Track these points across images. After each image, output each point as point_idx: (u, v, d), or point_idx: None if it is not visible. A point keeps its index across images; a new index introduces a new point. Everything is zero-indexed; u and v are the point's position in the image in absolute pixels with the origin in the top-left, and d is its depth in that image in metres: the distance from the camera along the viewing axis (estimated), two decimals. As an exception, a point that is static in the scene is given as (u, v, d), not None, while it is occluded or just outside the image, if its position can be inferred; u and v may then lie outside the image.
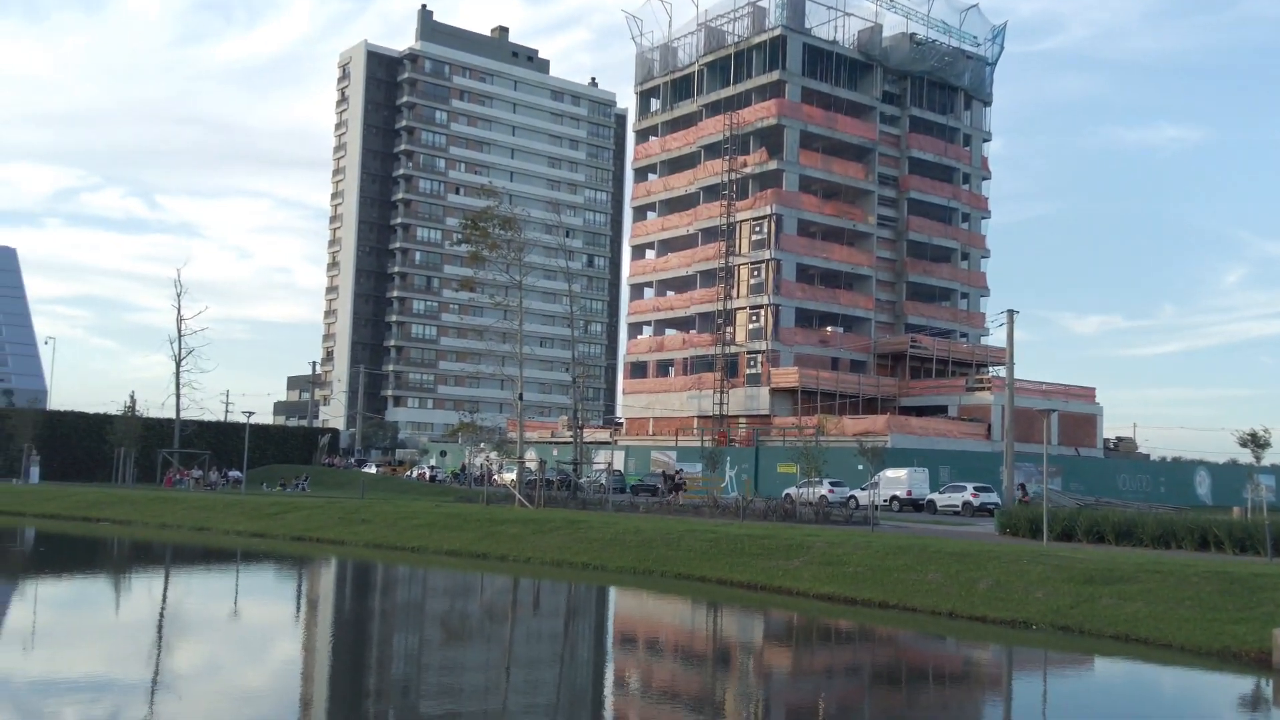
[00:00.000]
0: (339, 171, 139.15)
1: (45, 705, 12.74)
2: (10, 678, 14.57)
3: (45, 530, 39.93)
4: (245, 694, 14.00)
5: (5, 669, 15.31)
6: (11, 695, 13.33)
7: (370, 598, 26.32)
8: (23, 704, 12.78)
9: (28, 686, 13.85)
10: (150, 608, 22.61)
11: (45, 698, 13.14)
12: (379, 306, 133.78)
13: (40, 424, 62.37)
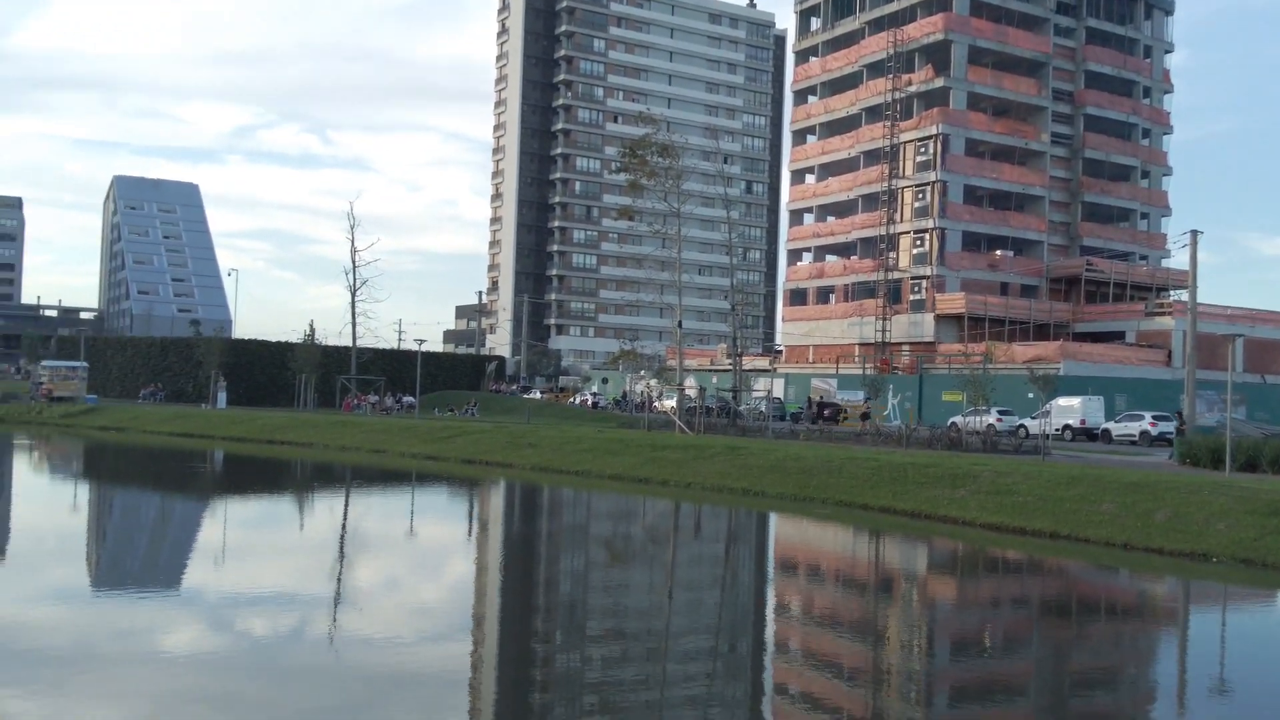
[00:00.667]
0: (500, 103, 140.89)
1: (236, 618, 13.56)
2: (204, 591, 15.56)
3: (233, 453, 42.27)
4: (421, 609, 14.61)
5: (199, 583, 16.36)
6: (206, 608, 14.23)
7: (537, 519, 27.05)
8: (217, 616, 13.64)
9: (220, 600, 14.75)
10: (331, 526, 23.76)
11: (236, 610, 13.98)
12: (541, 236, 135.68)
13: (226, 352, 65.61)
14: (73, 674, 10.42)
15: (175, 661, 11.17)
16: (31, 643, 11.66)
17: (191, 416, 52.62)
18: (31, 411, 56.12)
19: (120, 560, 18.79)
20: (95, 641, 11.89)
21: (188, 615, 13.64)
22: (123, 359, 74.37)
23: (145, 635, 12.39)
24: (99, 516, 25.09)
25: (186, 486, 32.26)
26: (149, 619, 13.36)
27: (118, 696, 9.85)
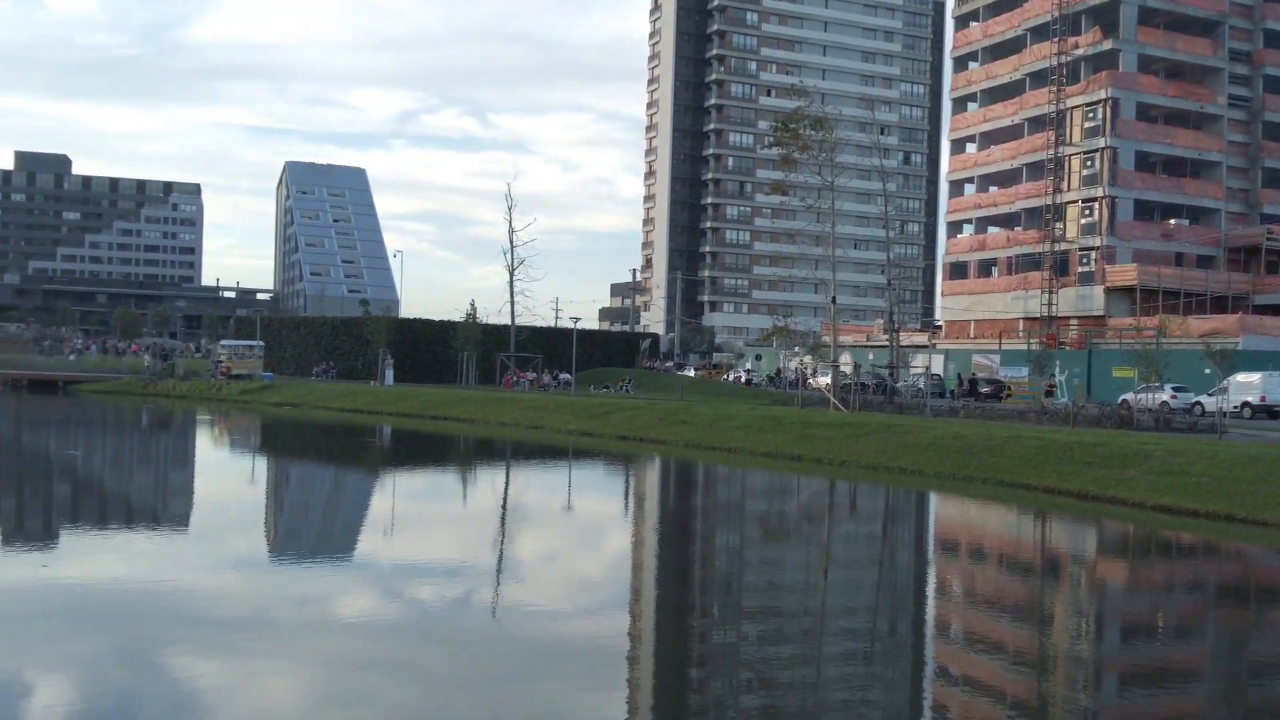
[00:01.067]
0: (654, 81, 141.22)
1: (405, 586, 14.09)
2: (375, 560, 16.21)
3: (399, 428, 43.74)
4: (580, 581, 14.91)
5: (370, 552, 17.04)
6: (376, 576, 14.83)
7: (692, 495, 27.23)
8: (387, 585, 14.20)
9: (390, 569, 15.35)
10: (493, 500, 24.41)
11: (405, 579, 14.52)
12: (694, 213, 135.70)
13: (392, 331, 67.74)
14: (252, 639, 11.02)
15: (348, 628, 11.70)
16: (214, 609, 12.37)
17: (360, 393, 54.61)
18: (212, 388, 59.14)
19: (296, 530, 19.71)
20: (273, 608, 12.53)
21: (359, 584, 14.24)
22: (296, 338, 77.65)
23: (320, 603, 12.99)
24: (276, 488, 26.36)
25: (357, 460, 33.58)
26: (323, 587, 14.01)
27: (295, 661, 10.37)
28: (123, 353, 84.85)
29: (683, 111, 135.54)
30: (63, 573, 14.15)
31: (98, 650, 10.36)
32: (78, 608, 12.04)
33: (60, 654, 10.19)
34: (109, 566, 14.55)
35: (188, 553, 16.39)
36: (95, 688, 9.21)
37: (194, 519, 20.53)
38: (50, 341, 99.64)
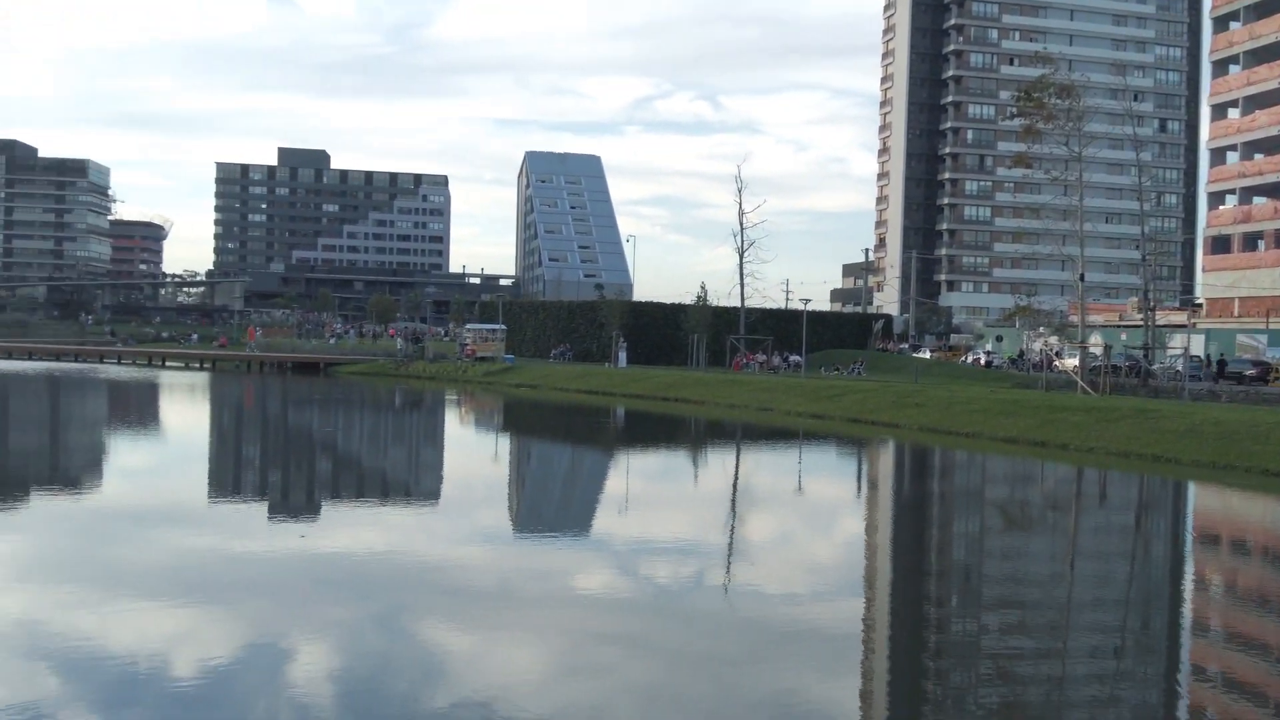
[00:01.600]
0: (888, 55, 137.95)
1: (639, 564, 14.35)
2: (611, 537, 16.59)
3: (632, 409, 44.57)
4: (812, 565, 14.81)
5: (606, 530, 17.45)
6: (612, 553, 15.17)
7: (927, 480, 26.56)
8: (622, 562, 14.50)
9: (626, 547, 15.67)
10: (724, 481, 24.55)
11: (639, 557, 14.79)
12: (930, 190, 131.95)
13: (626, 314, 69.07)
14: (498, 610, 11.48)
15: (587, 603, 12.03)
16: (462, 580, 12.95)
17: (595, 374, 55.94)
18: (458, 370, 61.89)
19: (537, 507, 20.41)
20: (516, 581, 13.01)
21: (596, 560, 14.61)
22: (536, 321, 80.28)
23: (560, 577, 13.41)
24: (518, 466, 27.36)
25: (593, 440, 34.45)
26: (563, 562, 14.45)
27: (538, 633, 10.74)
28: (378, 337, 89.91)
29: (919, 85, 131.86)
30: (321, 543, 15.15)
31: (355, 617, 11.04)
32: (335, 576, 12.86)
33: (321, 619, 10.91)
34: (364, 538, 15.47)
35: (437, 526, 17.24)
36: (353, 653, 9.81)
37: (443, 494, 21.56)
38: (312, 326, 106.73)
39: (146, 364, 71.02)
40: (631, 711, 8.46)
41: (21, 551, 13.84)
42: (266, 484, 21.90)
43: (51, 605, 10.96)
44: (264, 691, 8.66)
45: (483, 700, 8.47)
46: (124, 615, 10.72)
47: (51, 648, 9.47)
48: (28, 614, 10.58)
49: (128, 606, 11.10)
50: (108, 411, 39.28)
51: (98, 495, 19.53)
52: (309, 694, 8.61)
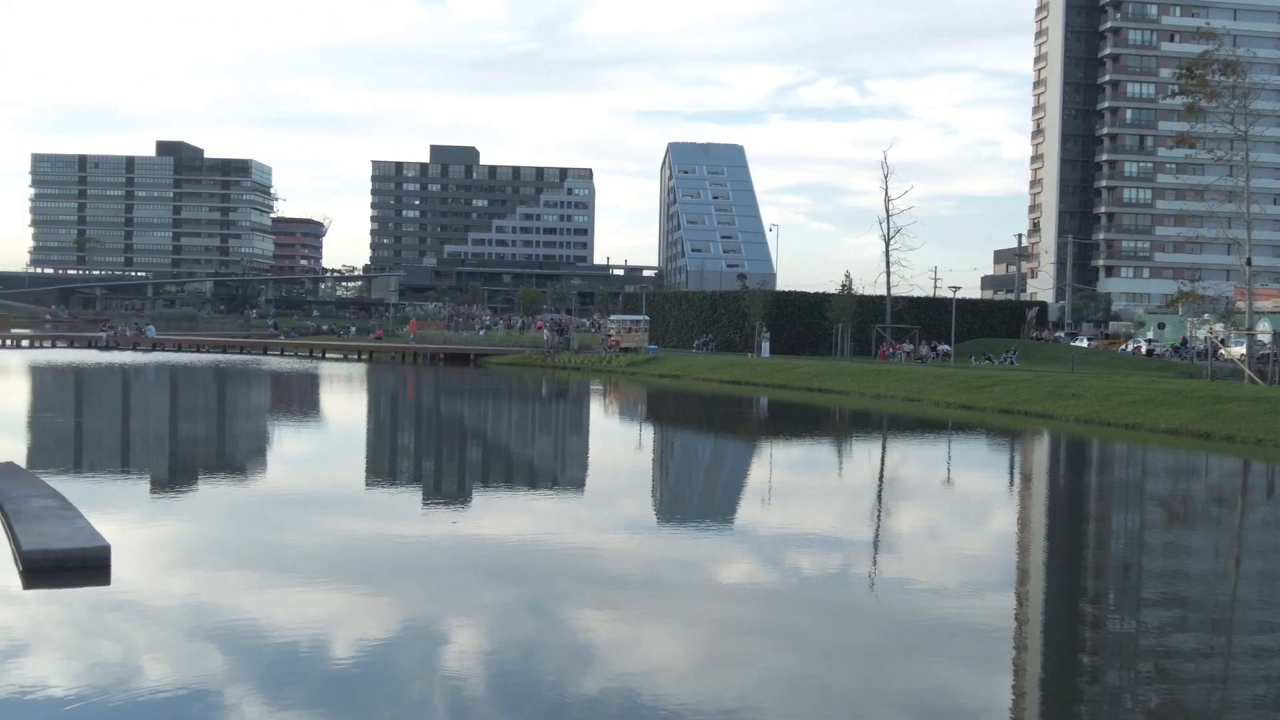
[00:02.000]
0: (1041, 33, 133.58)
1: (784, 554, 14.31)
2: (755, 528, 16.57)
3: (775, 399, 44.35)
4: (962, 559, 14.52)
5: (751, 520, 17.43)
6: (756, 544, 15.15)
7: (1084, 473, 25.73)
8: (766, 552, 14.47)
9: (770, 537, 15.64)
10: (870, 472, 24.25)
11: (784, 548, 14.74)
12: (1087, 172, 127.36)
13: (769, 304, 68.69)
14: (643, 599, 11.61)
15: (730, 593, 12.07)
16: (608, 568, 13.14)
17: (738, 365, 55.85)
18: (602, 360, 62.56)
19: (681, 496, 20.53)
20: (661, 570, 13.13)
21: (741, 550, 14.63)
22: (678, 312, 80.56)
23: (704, 566, 13.48)
24: (662, 456, 27.55)
25: (736, 430, 34.43)
26: (707, 552, 14.52)
27: (681, 621, 10.83)
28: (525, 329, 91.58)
29: (1074, 64, 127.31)
30: (473, 529, 15.55)
31: (504, 601, 11.32)
32: (486, 562, 13.19)
33: (472, 604, 11.23)
34: (513, 524, 15.83)
35: (584, 514, 17.51)
36: (503, 636, 10.06)
37: (589, 483, 21.87)
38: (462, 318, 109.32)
39: (307, 355, 73.88)
40: (776, 703, 8.47)
41: (192, 535, 14.61)
42: (421, 471, 22.59)
43: (219, 587, 11.55)
44: (418, 673, 8.96)
45: (629, 687, 8.60)
46: (286, 597, 11.22)
47: (218, 628, 9.98)
48: (197, 596, 11.17)
49: (290, 589, 11.62)
50: (273, 401, 41.05)
51: (264, 481, 20.45)
52: (461, 677, 8.88)
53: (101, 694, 8.04)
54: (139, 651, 9.26)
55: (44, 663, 8.73)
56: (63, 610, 10.37)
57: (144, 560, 12.42)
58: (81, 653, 9.09)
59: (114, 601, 10.64)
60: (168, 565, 12.43)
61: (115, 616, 10.27)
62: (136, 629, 9.94)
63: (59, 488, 14.81)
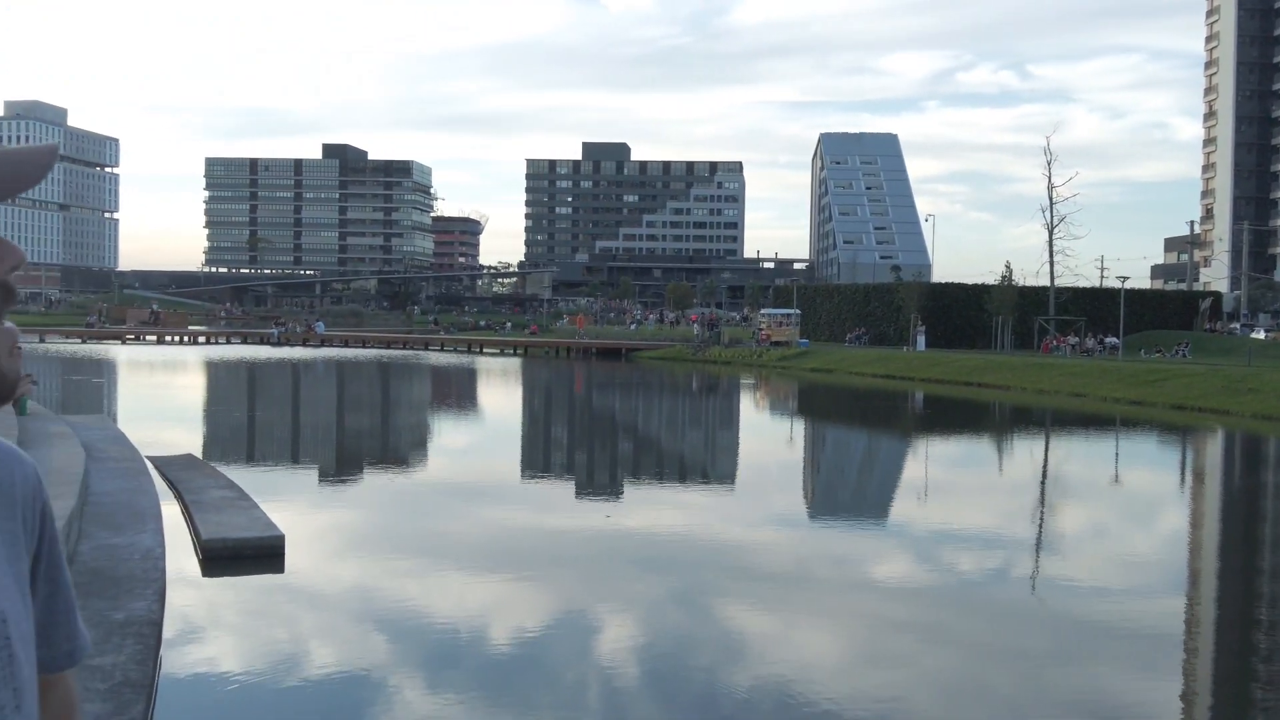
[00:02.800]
0: (1213, 12, 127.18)
1: (940, 552, 14.04)
2: (910, 524, 16.30)
3: (931, 394, 43.46)
4: (1128, 560, 14.00)
5: (906, 517, 17.15)
6: (912, 541, 14.90)
7: (1261, 472, 24.47)
8: (922, 550, 14.23)
9: (926, 535, 15.36)
10: (1031, 470, 23.56)
11: (940, 545, 14.47)
12: (1263, 155, 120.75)
13: (924, 296, 67.31)
14: (796, 594, 11.56)
15: (885, 590, 11.92)
16: (759, 562, 13.12)
17: (892, 359, 54.92)
18: (753, 355, 62.37)
19: (833, 491, 20.35)
20: (813, 565, 13.06)
21: (895, 547, 14.43)
22: (830, 305, 79.68)
23: (857, 563, 13.35)
24: (814, 450, 27.34)
25: (890, 425, 33.91)
26: (861, 548, 14.37)
27: (833, 618, 10.76)
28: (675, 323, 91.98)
29: (1248, 43, 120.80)
30: (626, 522, 15.74)
31: (657, 593, 11.44)
32: (639, 554, 13.34)
33: (625, 595, 11.38)
34: (665, 517, 15.95)
35: (735, 508, 17.54)
36: (656, 628, 10.17)
37: (741, 476, 21.88)
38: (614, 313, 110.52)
39: (465, 350, 75.78)
40: (931, 704, 8.34)
41: (360, 524, 15.20)
42: (575, 463, 22.97)
43: (385, 574, 12.00)
44: (573, 662, 9.13)
45: (781, 682, 8.59)
46: (448, 584, 11.58)
47: (385, 614, 10.37)
48: (364, 582, 11.63)
49: (451, 576, 11.98)
50: (434, 395, 42.28)
51: (426, 472, 21.11)
52: (615, 666, 9.01)
53: (274, 674, 8.45)
54: (309, 635, 9.70)
55: (222, 644, 9.22)
56: (239, 596, 10.92)
57: (315, 548, 12.97)
58: (256, 635, 9.56)
59: (287, 587, 11.16)
60: (337, 553, 12.97)
61: (288, 602, 10.77)
62: (308, 613, 10.40)
63: (235, 478, 15.58)
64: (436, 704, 7.98)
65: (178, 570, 10.59)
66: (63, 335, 77.08)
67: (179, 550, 11.38)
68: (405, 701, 8.04)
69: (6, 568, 1.13)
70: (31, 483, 1.20)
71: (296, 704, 7.97)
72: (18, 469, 1.19)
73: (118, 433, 19.70)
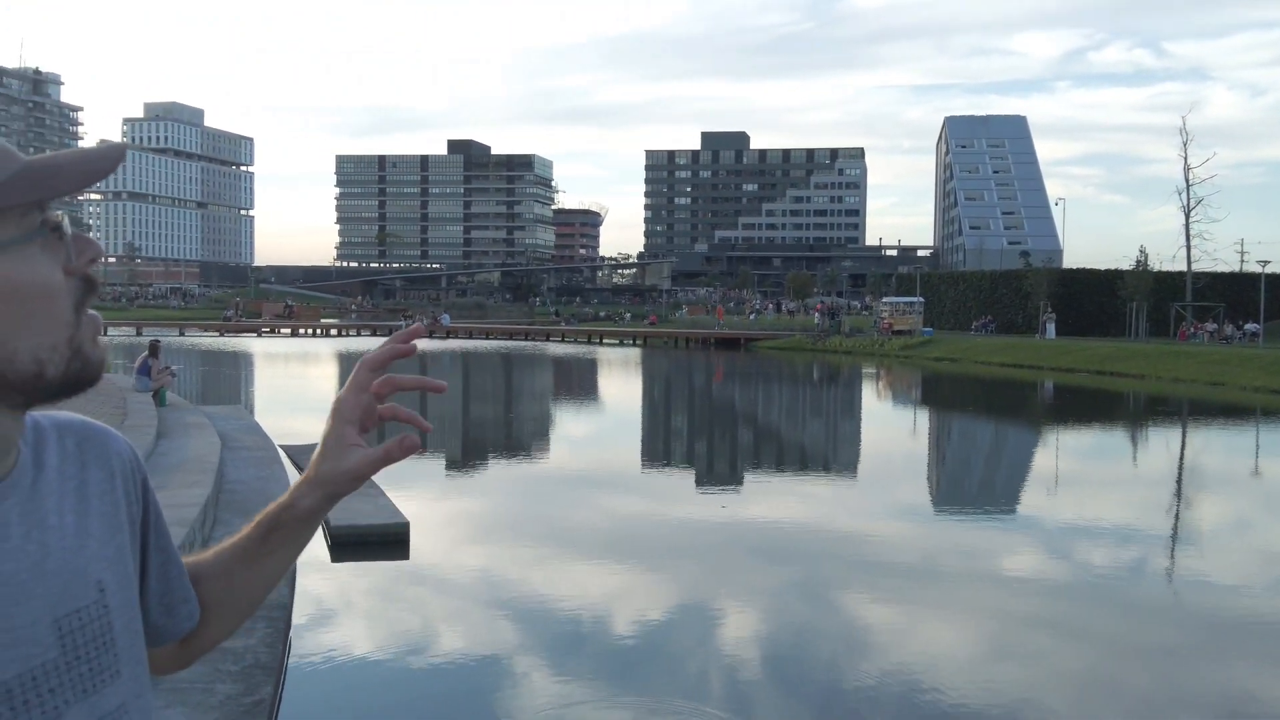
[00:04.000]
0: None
1: (1073, 546, 13.63)
2: (1041, 517, 15.87)
3: (1061, 383, 42.25)
4: (1269, 555, 13.41)
5: (1036, 509, 16.72)
6: (1043, 534, 14.49)
7: None
8: (1053, 543, 13.84)
9: (1057, 528, 14.93)
10: (1167, 461, 22.72)
11: (1073, 539, 14.05)
12: None
13: (1054, 283, 65.45)
14: (921, 586, 11.34)
15: (1015, 584, 11.62)
16: (882, 554, 12.92)
17: (1020, 347, 53.55)
18: (875, 344, 61.48)
19: (959, 482, 19.93)
20: (940, 558, 12.79)
21: (1026, 540, 14.06)
22: (955, 293, 78.06)
23: (986, 556, 13.05)
24: (938, 441, 26.82)
25: (1017, 415, 33.08)
26: (989, 541, 14.04)
27: (961, 611, 10.52)
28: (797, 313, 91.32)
29: None
30: (746, 511, 15.67)
31: (777, 585, 11.36)
32: (760, 544, 13.26)
33: (746, 585, 11.32)
34: (785, 508, 15.83)
35: (857, 499, 17.32)
36: (778, 619, 10.10)
37: (862, 467, 21.58)
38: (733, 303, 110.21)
39: (585, 341, 76.46)
40: (1063, 702, 8.10)
41: (483, 512, 15.46)
42: (695, 452, 22.98)
43: (506, 560, 12.17)
44: (694, 651, 9.13)
45: (906, 676, 8.44)
46: (569, 572, 11.70)
47: (505, 599, 10.53)
48: (486, 569, 11.82)
49: (572, 564, 12.10)
50: (556, 385, 42.76)
51: (548, 461, 21.35)
52: (736, 657, 8.99)
53: (397, 657, 8.65)
54: (432, 620, 9.93)
55: (348, 629, 9.47)
56: (365, 581, 11.19)
57: (440, 535, 13.23)
58: (380, 620, 9.81)
59: (411, 573, 11.41)
60: (461, 540, 13.20)
61: (412, 587, 11.02)
62: (431, 599, 10.64)
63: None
64: (558, 690, 8.07)
65: (307, 556, 10.88)
66: (201, 329, 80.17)
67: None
68: (529, 687, 8.15)
69: (108, 539, 1.21)
70: (127, 456, 1.28)
71: (419, 686, 8.14)
72: (113, 445, 1.27)
73: (253, 423, 20.38)
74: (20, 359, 1.08)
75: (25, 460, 1.17)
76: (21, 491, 1.14)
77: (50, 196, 1.09)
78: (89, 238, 1.15)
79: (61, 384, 1.11)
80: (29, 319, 1.08)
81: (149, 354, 20.64)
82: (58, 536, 1.15)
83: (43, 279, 1.08)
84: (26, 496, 1.15)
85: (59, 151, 1.14)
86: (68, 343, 1.11)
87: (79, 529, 1.18)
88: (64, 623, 1.12)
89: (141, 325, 76.74)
